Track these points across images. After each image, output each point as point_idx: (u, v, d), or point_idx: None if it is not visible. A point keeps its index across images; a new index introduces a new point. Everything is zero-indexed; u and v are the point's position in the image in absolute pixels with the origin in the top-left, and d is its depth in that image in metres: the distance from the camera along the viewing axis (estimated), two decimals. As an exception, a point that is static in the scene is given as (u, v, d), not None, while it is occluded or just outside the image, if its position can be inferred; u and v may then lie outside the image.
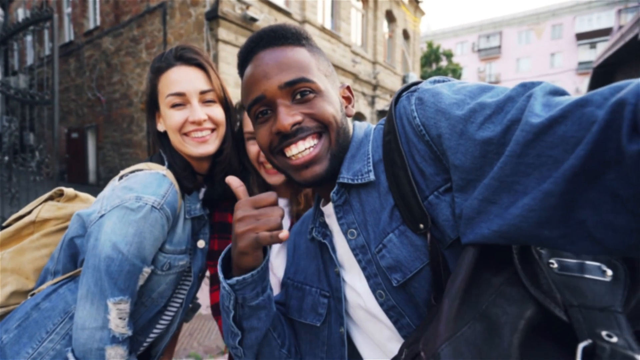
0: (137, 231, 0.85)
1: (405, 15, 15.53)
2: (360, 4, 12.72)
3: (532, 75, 32.39)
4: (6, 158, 4.32)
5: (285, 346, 0.77)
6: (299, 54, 0.66)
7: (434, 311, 0.52)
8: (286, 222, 1.18)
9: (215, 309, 1.11)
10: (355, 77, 11.78)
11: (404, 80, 15.35)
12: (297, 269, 0.82)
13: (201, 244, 1.09)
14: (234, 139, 1.09)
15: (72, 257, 0.97)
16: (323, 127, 0.65)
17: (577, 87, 30.01)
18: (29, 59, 12.53)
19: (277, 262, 1.15)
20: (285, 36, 0.67)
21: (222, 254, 0.72)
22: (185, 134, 0.97)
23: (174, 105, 0.96)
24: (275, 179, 1.11)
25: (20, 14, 12.08)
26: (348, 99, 0.74)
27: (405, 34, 15.99)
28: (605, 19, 31.11)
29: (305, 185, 0.69)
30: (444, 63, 26.33)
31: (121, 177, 0.94)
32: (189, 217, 1.01)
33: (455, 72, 23.79)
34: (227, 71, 7.34)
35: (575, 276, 0.45)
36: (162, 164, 1.01)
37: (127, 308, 0.87)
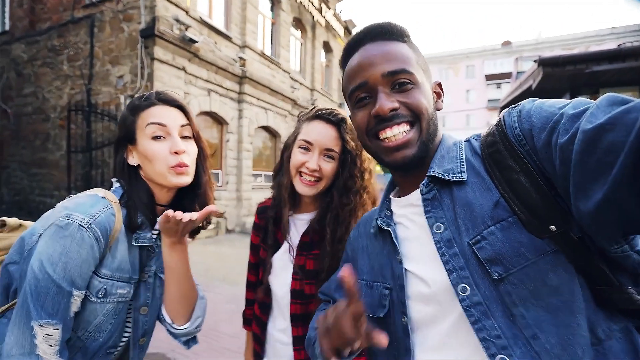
0: (63, 251, 0.83)
1: (341, 47, 16.46)
2: (299, 33, 13.25)
3: (451, 109, 36.26)
4: None
5: None
6: (403, 48, 0.74)
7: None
8: (300, 230, 1.23)
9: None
10: (294, 103, 12.07)
11: (340, 107, 16.05)
12: (369, 268, 0.84)
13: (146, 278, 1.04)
14: (206, 172, 1.11)
15: (5, 288, 0.89)
16: (415, 117, 0.72)
17: (487, 121, 34.21)
18: None
19: (278, 281, 1.22)
20: (391, 32, 0.74)
21: None
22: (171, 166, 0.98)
23: (155, 137, 0.97)
24: (306, 190, 1.15)
25: None
26: (438, 95, 0.81)
27: (341, 65, 16.90)
28: (506, 64, 36.52)
29: (394, 167, 0.76)
30: (376, 93, 28.13)
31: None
32: (137, 244, 0.98)
33: (386, 101, 25.51)
34: (162, 91, 7.04)
35: None
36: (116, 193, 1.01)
37: (57, 335, 0.82)
